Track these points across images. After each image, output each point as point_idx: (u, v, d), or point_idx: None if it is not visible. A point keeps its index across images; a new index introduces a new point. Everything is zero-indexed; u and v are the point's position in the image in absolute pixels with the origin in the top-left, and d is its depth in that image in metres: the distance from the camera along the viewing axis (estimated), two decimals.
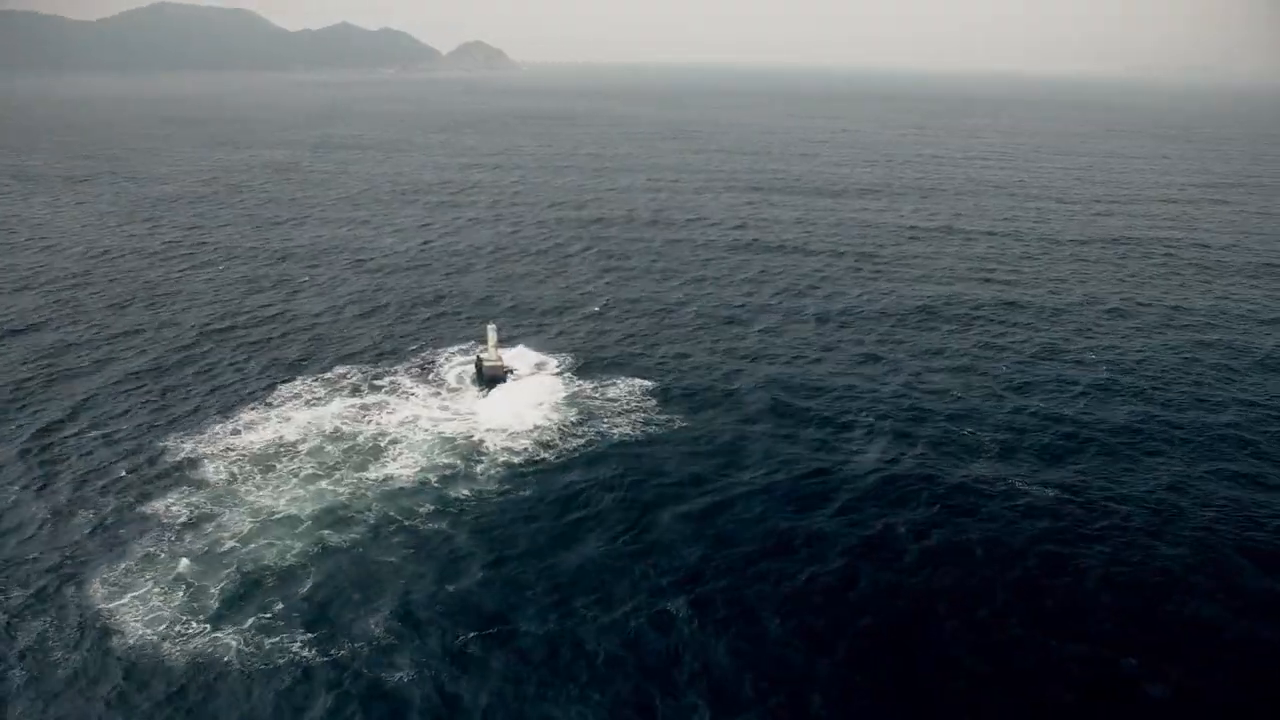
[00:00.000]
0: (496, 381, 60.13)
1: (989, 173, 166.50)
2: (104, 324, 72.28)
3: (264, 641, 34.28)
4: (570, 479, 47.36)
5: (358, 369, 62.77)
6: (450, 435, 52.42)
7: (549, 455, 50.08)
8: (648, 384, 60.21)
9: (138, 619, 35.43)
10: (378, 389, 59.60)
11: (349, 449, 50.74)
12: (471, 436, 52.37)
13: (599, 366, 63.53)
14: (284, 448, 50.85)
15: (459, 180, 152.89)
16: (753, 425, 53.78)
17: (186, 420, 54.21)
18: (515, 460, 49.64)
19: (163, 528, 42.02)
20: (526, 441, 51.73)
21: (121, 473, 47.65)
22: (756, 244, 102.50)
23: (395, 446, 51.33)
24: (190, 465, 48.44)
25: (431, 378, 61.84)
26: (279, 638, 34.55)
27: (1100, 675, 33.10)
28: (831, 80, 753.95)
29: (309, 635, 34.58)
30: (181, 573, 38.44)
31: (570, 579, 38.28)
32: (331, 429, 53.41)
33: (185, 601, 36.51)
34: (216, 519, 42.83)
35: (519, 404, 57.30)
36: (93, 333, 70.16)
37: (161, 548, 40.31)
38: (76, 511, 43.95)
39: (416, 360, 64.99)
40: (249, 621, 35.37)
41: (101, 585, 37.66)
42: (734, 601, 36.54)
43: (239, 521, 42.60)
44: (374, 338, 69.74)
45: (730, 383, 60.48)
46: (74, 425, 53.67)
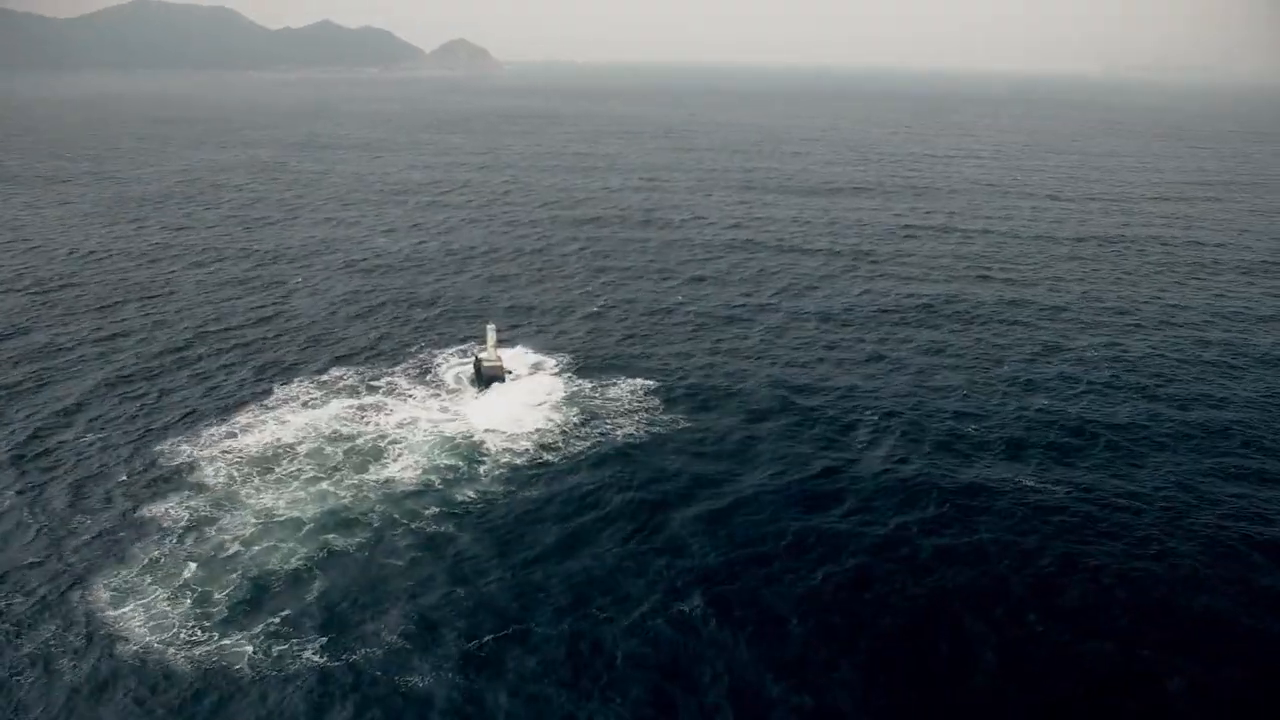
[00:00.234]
0: (495, 382, 60.07)
1: (984, 171, 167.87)
2: (94, 326, 71.54)
3: (276, 647, 34.01)
4: (576, 480, 47.37)
5: (354, 370, 62.50)
6: (451, 436, 52.31)
7: (552, 456, 50.08)
8: (649, 384, 60.32)
9: (145, 626, 35.06)
10: (375, 390, 59.37)
11: (348, 451, 50.52)
12: (472, 437, 52.29)
13: (599, 367, 63.58)
14: (282, 450, 50.56)
15: (448, 180, 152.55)
16: (757, 425, 53.98)
17: (182, 423, 53.77)
18: (518, 461, 49.60)
19: (164, 532, 41.67)
20: (528, 442, 51.71)
21: (119, 477, 47.18)
22: (753, 243, 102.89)
23: (395, 448, 51.16)
24: (188, 469, 48.05)
25: (429, 379, 61.68)
26: (291, 643, 34.29)
27: (1117, 671, 33.46)
28: (826, 79, 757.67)
29: (321, 640, 34.35)
30: (187, 578, 38.12)
31: (584, 580, 38.25)
32: (330, 431, 53.16)
33: (192, 607, 36.18)
34: (218, 522, 42.53)
35: (519, 405, 57.26)
36: (83, 335, 69.44)
37: (165, 552, 39.96)
38: (76, 516, 43.49)
39: (413, 361, 64.78)
40: (259, 627, 35.09)
41: (106, 591, 37.25)
42: (751, 601, 36.63)
43: (241, 525, 42.33)
44: (370, 339, 69.43)
45: (733, 382, 60.69)
46: (68, 429, 53.09)
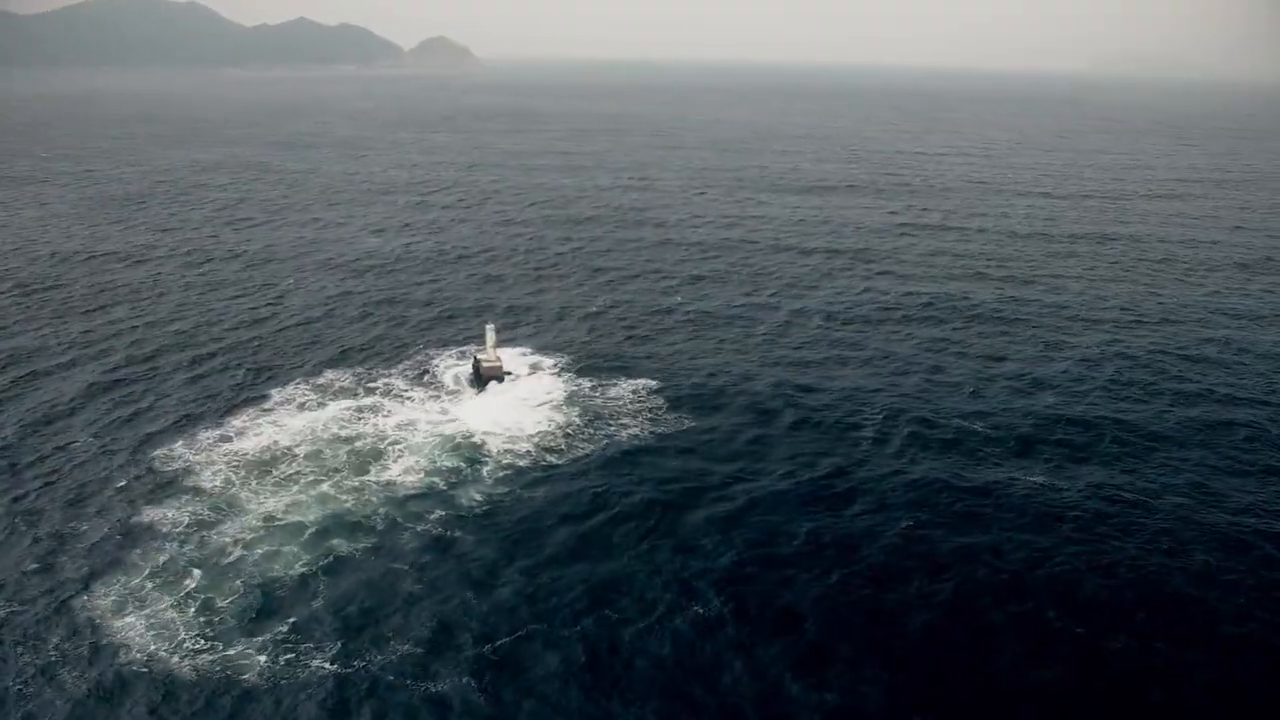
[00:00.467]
0: (495, 382, 59.96)
1: (976, 169, 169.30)
2: (84, 330, 70.41)
3: (285, 655, 33.60)
4: (582, 481, 47.27)
5: (351, 372, 62.10)
6: (451, 437, 52.11)
7: (555, 457, 50.00)
8: (651, 384, 60.37)
9: (150, 634, 34.53)
10: (373, 392, 59.03)
11: (348, 453, 50.21)
12: (473, 439, 52.14)
13: (599, 367, 63.57)
14: (280, 453, 50.17)
15: (434, 179, 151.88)
16: (763, 425, 54.05)
17: (177, 427, 53.12)
18: (521, 463, 49.51)
19: (164, 538, 41.12)
20: (531, 443, 51.62)
21: (116, 482, 46.47)
22: (749, 242, 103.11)
23: (395, 449, 50.90)
24: (185, 473, 47.49)
25: (427, 380, 61.43)
26: (300, 650, 33.90)
27: (1134, 666, 33.85)
28: (820, 78, 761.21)
29: (333, 647, 33.97)
30: (189, 585, 37.64)
31: (598, 582, 38.10)
32: (328, 433, 52.80)
33: (196, 615, 35.69)
34: (219, 527, 42.08)
35: (519, 405, 57.16)
36: (73, 338, 68.41)
37: (166, 559, 39.43)
38: (73, 522, 42.81)
39: (411, 362, 64.48)
40: (267, 635, 34.67)
41: (108, 599, 36.68)
42: (769, 602, 36.66)
43: (242, 529, 41.91)
44: (366, 340, 69.00)
45: (736, 382, 60.84)
46: (62, 435, 52.23)
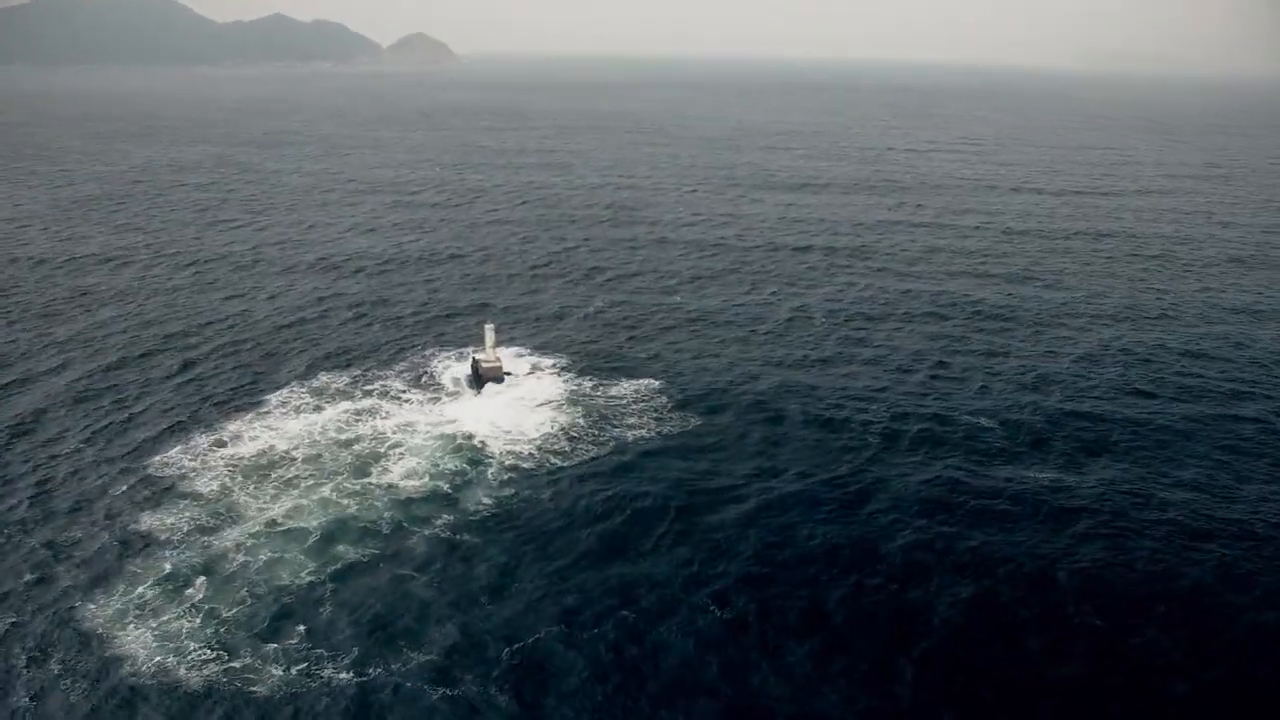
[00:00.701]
0: (494, 383, 59.59)
1: (969, 166, 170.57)
2: (71, 334, 69.08)
3: (299, 665, 33.07)
4: (590, 483, 46.96)
5: (347, 375, 61.45)
6: (453, 440, 51.71)
7: (560, 459, 49.71)
8: (653, 384, 60.20)
9: (155, 646, 33.87)
10: (370, 394, 58.44)
11: (347, 457, 49.65)
12: (475, 441, 51.75)
13: (600, 367, 63.32)
14: (278, 458, 49.53)
15: (421, 178, 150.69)
16: (770, 426, 53.87)
17: (170, 433, 52.19)
18: (525, 465, 49.19)
19: (164, 546, 40.39)
20: (534, 445, 51.31)
21: (110, 491, 45.63)
22: (746, 241, 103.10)
23: (396, 453, 50.43)
24: (181, 480, 46.70)
25: (425, 381, 60.93)
26: (315, 659, 33.39)
27: (1158, 662, 34.23)
28: (806, 74, 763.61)
29: (350, 655, 33.52)
30: (194, 594, 37.01)
31: (620, 584, 37.88)
32: (326, 437, 52.21)
33: (202, 626, 35.08)
34: (219, 535, 41.39)
35: (521, 406, 56.83)
36: (60, 342, 67.23)
37: (167, 568, 38.70)
38: (69, 532, 42.00)
39: (408, 364, 63.91)
40: (278, 644, 34.15)
41: (111, 611, 35.97)
42: (794, 603, 36.63)
43: (244, 536, 41.26)
44: (361, 342, 68.30)
45: (740, 381, 60.76)
46: (52, 443, 51.24)
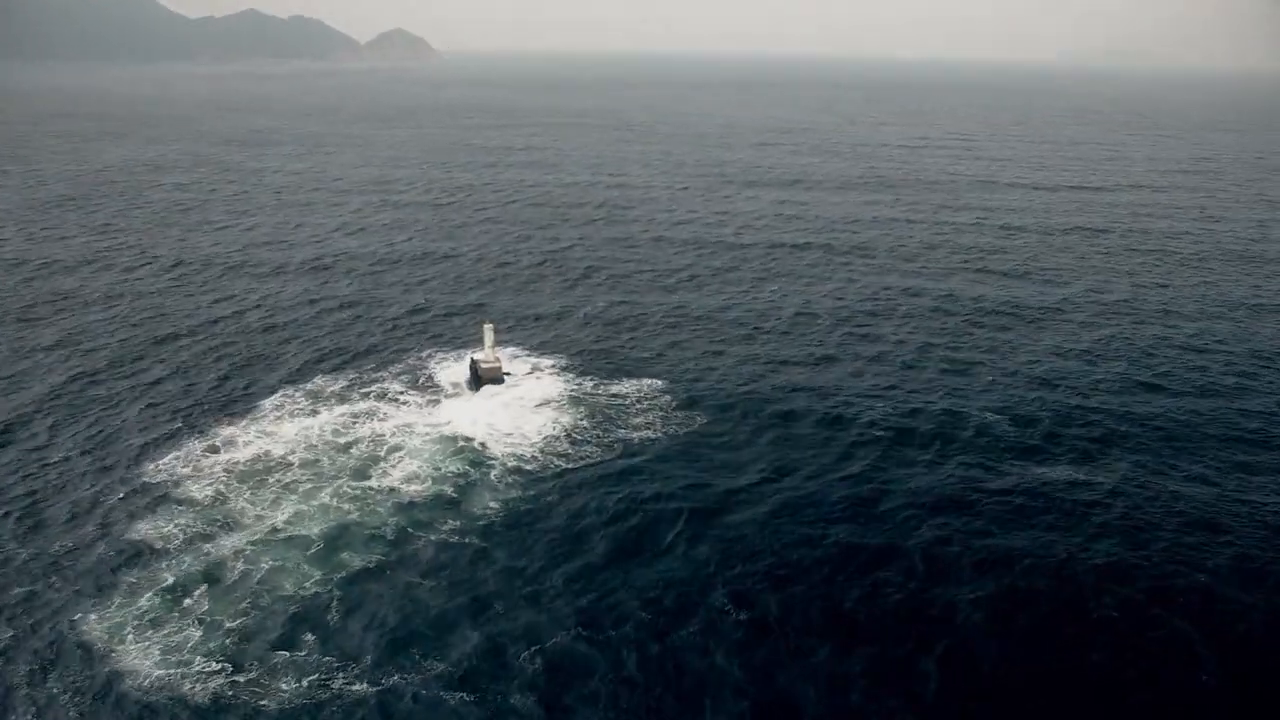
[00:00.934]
0: (494, 384, 59.13)
1: (964, 163, 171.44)
2: (56, 339, 67.67)
3: (310, 676, 32.45)
4: (598, 484, 46.54)
5: (342, 377, 60.71)
6: (454, 442, 51.19)
7: (565, 461, 49.29)
8: (656, 384, 59.90)
9: (157, 660, 33.10)
10: (367, 396, 57.77)
11: (346, 461, 49.03)
12: (476, 442, 51.25)
13: (601, 367, 62.96)
14: (275, 463, 48.83)
15: (407, 177, 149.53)
16: (779, 425, 53.50)
17: (162, 440, 51.13)
18: (529, 467, 48.75)
19: (161, 556, 39.55)
20: (538, 447, 50.89)
21: (102, 500, 44.66)
22: (743, 239, 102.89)
23: (395, 456, 49.86)
24: (174, 487, 45.80)
25: (423, 382, 60.34)
26: (326, 670, 32.78)
27: (1182, 658, 34.43)
28: (789, 69, 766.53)
29: (363, 666, 32.93)
30: (195, 606, 36.25)
31: (637, 587, 37.53)
32: (323, 440, 51.54)
33: (205, 638, 34.32)
34: (218, 543, 40.58)
35: (522, 407, 56.37)
36: (43, 345, 66.02)
37: (166, 578, 37.89)
38: (61, 543, 41.10)
39: (404, 365, 63.29)
40: (286, 656, 33.49)
41: (108, 623, 35.17)
42: (817, 604, 36.55)
43: (243, 545, 40.49)
44: (356, 344, 67.49)
45: (745, 381, 60.55)
46: (40, 452, 50.14)
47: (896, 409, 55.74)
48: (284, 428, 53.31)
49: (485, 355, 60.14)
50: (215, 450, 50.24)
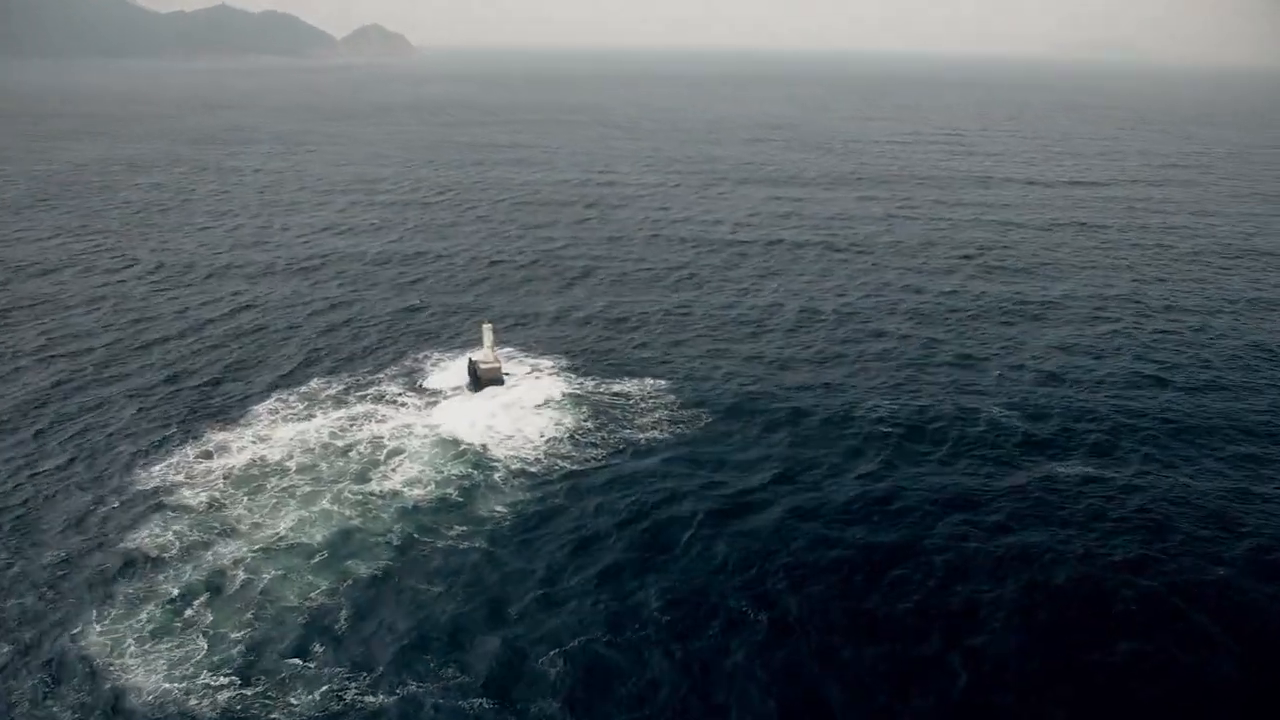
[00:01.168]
0: (493, 384, 58.78)
1: (958, 158, 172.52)
2: (34, 346, 66.33)
3: (322, 688, 31.99)
4: (603, 486, 46.27)
5: (337, 380, 60.14)
6: (455, 444, 50.81)
7: (569, 463, 49.02)
8: (660, 384, 59.70)
9: (162, 675, 32.53)
10: (363, 399, 57.25)
11: (345, 465, 48.56)
12: (478, 444, 50.89)
13: (602, 367, 62.70)
14: (269, 468, 48.27)
15: (392, 176, 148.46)
16: (788, 425, 53.22)
17: (153, 448, 50.14)
18: (533, 469, 48.47)
19: (158, 566, 38.86)
20: (541, 448, 50.62)
21: (94, 509, 43.84)
22: (740, 236, 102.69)
23: (396, 459, 49.44)
24: (167, 494, 45.09)
25: (421, 384, 59.86)
26: (338, 682, 32.34)
27: (1202, 653, 34.73)
28: (773, 64, 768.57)
29: (376, 677, 32.51)
30: (196, 617, 35.68)
31: (657, 590, 37.28)
32: (319, 445, 50.97)
33: (210, 651, 33.73)
34: (216, 553, 39.92)
35: (524, 409, 56.04)
36: (23, 355, 64.67)
37: (164, 590, 37.28)
38: (53, 554, 40.37)
39: (400, 367, 62.77)
40: (296, 668, 33.02)
41: (107, 638, 34.55)
42: (838, 605, 36.53)
43: (243, 554, 39.97)
44: (350, 346, 66.81)
45: (751, 381, 60.31)
46: (25, 461, 49.27)
47: (906, 406, 55.88)
48: (278, 432, 52.72)
49: (484, 355, 59.74)
50: (209, 456, 49.60)
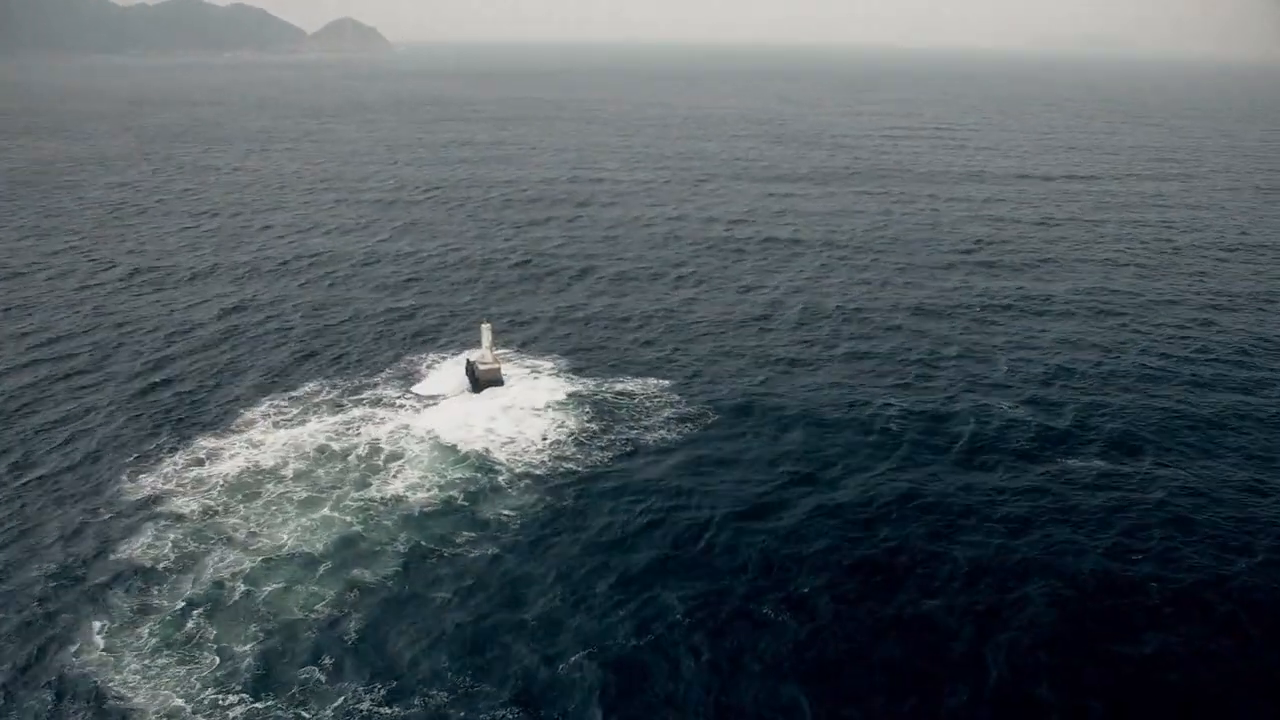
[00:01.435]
0: (493, 386, 58.35)
1: (951, 153, 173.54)
2: (13, 353, 65.08)
3: (334, 703, 31.45)
4: (613, 490, 45.87)
5: (330, 383, 59.37)
6: (456, 448, 50.31)
7: (575, 465, 48.67)
8: (661, 383, 59.49)
9: (166, 693, 31.84)
10: (359, 402, 56.60)
11: (343, 470, 47.95)
12: (480, 447, 50.42)
13: (602, 367, 62.38)
14: (263, 474, 47.56)
15: (376, 174, 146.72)
16: (797, 426, 53.07)
17: (142, 456, 49.26)
18: (538, 472, 48.09)
19: (153, 579, 38.07)
20: (545, 451, 50.24)
21: (83, 520, 42.94)
22: (737, 234, 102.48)
23: (396, 465, 48.88)
24: (160, 504, 44.22)
25: (418, 386, 59.27)
26: (351, 696, 31.82)
27: (1237, 643, 35.26)
28: (756, 59, 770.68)
29: (394, 688, 32.06)
30: (196, 631, 35.00)
31: (683, 595, 37.06)
32: (315, 450, 50.25)
33: (212, 665, 33.09)
34: (213, 563, 39.16)
35: (525, 410, 55.63)
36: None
37: (161, 603, 36.55)
38: (42, 568, 39.53)
39: (396, 369, 62.12)
40: (304, 683, 32.42)
41: (106, 654, 33.81)
42: (866, 606, 36.55)
43: (242, 564, 39.24)
44: (342, 348, 65.94)
45: (758, 382, 59.92)
46: (12, 472, 48.35)
47: (917, 403, 55.97)
48: (270, 437, 51.99)
49: (483, 356, 59.26)
50: (200, 463, 48.82)
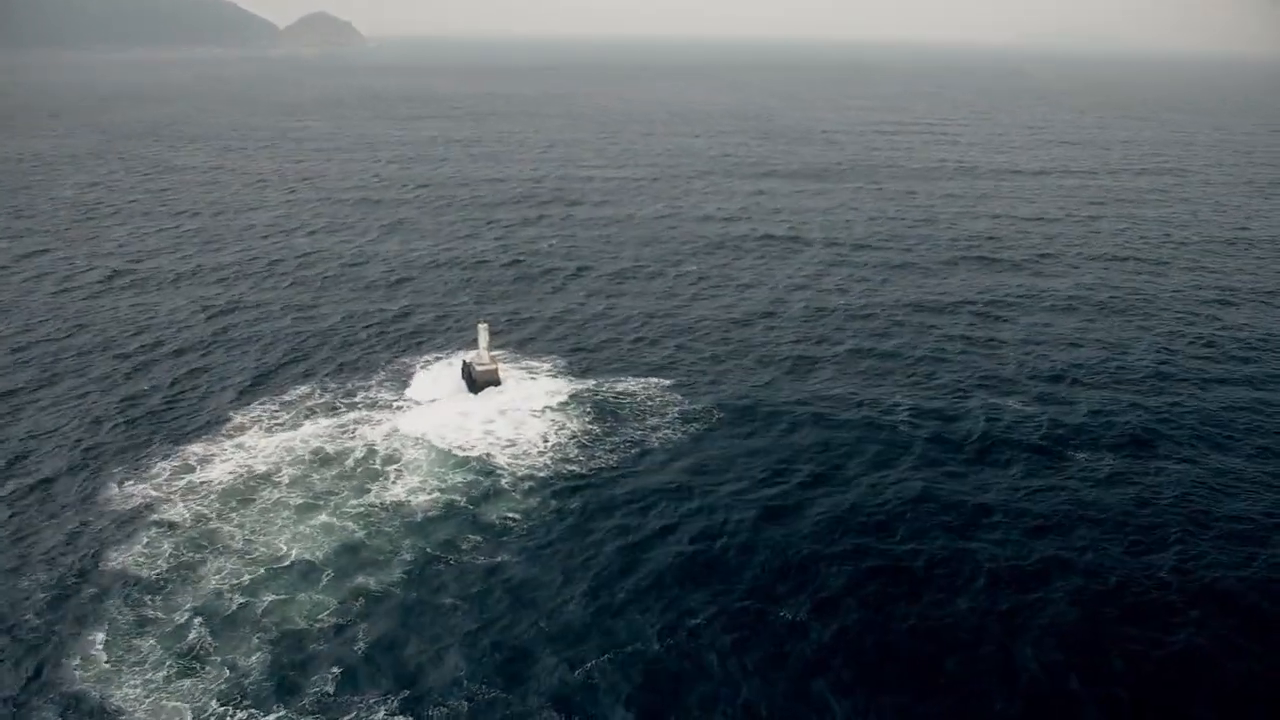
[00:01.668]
0: (491, 387, 57.97)
1: (944, 149, 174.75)
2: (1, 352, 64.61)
3: (346, 714, 31.09)
4: (625, 493, 45.78)
5: (322, 386, 58.69)
6: (456, 450, 49.94)
7: (577, 467, 48.46)
8: (662, 382, 59.41)
9: (170, 707, 31.33)
10: (354, 406, 56.04)
11: (339, 476, 47.44)
12: (480, 450, 50.10)
13: (602, 368, 62.13)
14: (257, 481, 46.96)
15: (360, 172, 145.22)
16: (803, 428, 53.21)
17: (131, 464, 48.63)
18: (540, 474, 47.82)
19: (149, 590, 37.51)
20: (547, 453, 49.98)
21: (73, 530, 42.39)
22: (735, 232, 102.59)
23: (394, 469, 48.43)
24: (153, 513, 43.59)
25: (414, 388, 58.75)
26: (362, 707, 31.50)
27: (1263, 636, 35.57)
28: (740, 53, 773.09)
29: (401, 700, 31.77)
30: (196, 643, 34.45)
31: (701, 600, 37.01)
32: (310, 454, 49.73)
33: (215, 679, 32.62)
34: (210, 573, 38.66)
35: (524, 411, 55.32)
36: None
37: (159, 615, 35.96)
38: (35, 578, 38.91)
39: (390, 370, 61.55)
40: (312, 694, 32.05)
41: (103, 670, 33.21)
42: (892, 611, 36.67)
43: (239, 574, 38.73)
44: (336, 350, 65.20)
45: (760, 383, 59.88)
46: None
47: (926, 403, 56.10)
48: (263, 442, 51.37)
49: (481, 357, 58.84)
50: (189, 470, 48.14)
